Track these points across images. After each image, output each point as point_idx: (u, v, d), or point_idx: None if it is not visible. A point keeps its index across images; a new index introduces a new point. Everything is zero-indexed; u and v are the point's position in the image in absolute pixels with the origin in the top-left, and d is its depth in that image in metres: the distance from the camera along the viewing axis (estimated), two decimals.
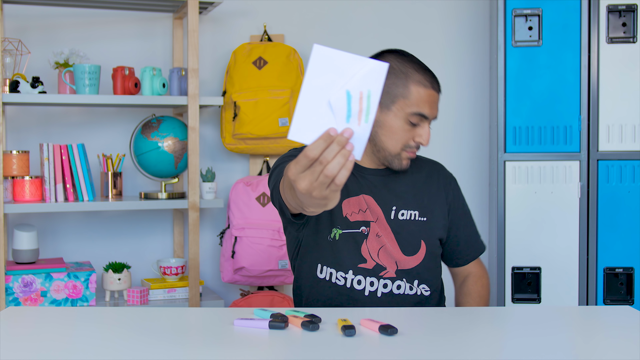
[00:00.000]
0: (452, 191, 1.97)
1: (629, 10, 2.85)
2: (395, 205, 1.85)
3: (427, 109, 1.78)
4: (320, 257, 1.85)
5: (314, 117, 1.18)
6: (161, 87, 2.80)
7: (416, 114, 1.78)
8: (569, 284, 2.90)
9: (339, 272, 1.83)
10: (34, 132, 2.96)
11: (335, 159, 1.17)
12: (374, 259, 1.82)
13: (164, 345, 1.39)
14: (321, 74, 1.17)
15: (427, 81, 1.79)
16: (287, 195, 1.52)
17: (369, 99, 1.19)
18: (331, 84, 1.17)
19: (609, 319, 1.65)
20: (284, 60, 3.01)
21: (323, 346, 1.38)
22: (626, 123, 2.87)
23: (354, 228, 1.82)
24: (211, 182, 2.89)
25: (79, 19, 3.02)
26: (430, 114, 1.80)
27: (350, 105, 1.18)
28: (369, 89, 1.18)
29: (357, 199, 1.84)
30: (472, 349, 1.40)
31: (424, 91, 1.78)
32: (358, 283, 1.82)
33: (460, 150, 3.33)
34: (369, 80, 1.18)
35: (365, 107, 1.19)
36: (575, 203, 2.89)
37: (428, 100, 1.79)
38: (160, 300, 2.83)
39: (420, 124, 1.80)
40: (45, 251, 2.95)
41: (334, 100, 1.17)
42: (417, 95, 1.78)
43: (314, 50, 1.17)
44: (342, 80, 1.18)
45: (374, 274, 1.83)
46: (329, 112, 1.17)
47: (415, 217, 1.87)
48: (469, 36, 3.35)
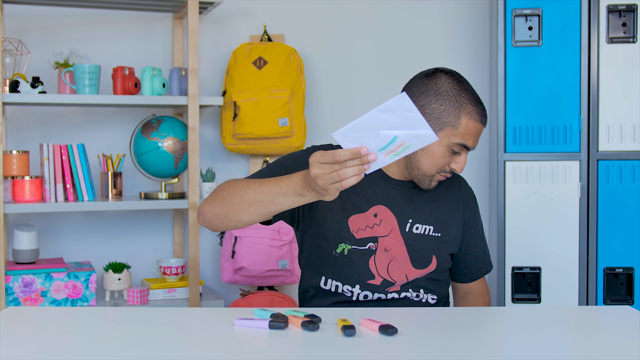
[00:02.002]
0: (470, 208, 1.95)
1: (629, 10, 2.85)
2: (411, 218, 1.84)
3: (471, 141, 1.77)
4: (324, 271, 1.84)
5: (360, 133, 1.42)
6: (161, 87, 2.80)
7: (460, 145, 1.77)
8: (569, 284, 2.90)
9: (345, 285, 1.82)
10: (34, 132, 2.96)
11: (352, 168, 1.42)
12: (381, 275, 1.82)
13: (164, 345, 1.39)
14: (390, 112, 1.40)
15: (478, 115, 1.77)
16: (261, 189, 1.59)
17: (404, 149, 1.45)
18: (390, 123, 1.42)
19: (609, 319, 1.65)
20: (284, 60, 3.01)
21: (323, 346, 1.38)
22: (626, 123, 2.87)
23: (361, 245, 1.81)
24: (211, 182, 2.89)
25: (79, 19, 3.02)
26: (473, 145, 1.79)
27: (389, 144, 1.44)
28: (410, 144, 1.44)
29: (365, 215, 1.82)
30: (472, 349, 1.40)
31: (473, 125, 1.76)
32: (365, 297, 1.83)
33: None
34: (416, 139, 1.44)
35: (397, 152, 1.46)
36: (575, 203, 2.89)
37: (474, 133, 1.77)
38: (160, 300, 2.83)
39: (461, 152, 1.79)
40: (45, 251, 2.95)
41: (383, 134, 1.43)
42: (465, 128, 1.76)
43: (400, 96, 1.38)
44: (399, 126, 1.42)
45: (382, 289, 1.82)
46: (373, 138, 1.43)
47: (430, 232, 1.86)
48: (469, 36, 3.35)
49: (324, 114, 3.26)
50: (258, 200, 1.58)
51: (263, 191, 1.57)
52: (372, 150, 1.44)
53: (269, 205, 1.57)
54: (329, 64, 3.26)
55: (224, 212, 1.64)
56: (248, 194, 1.60)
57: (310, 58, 3.23)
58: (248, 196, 1.60)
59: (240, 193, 1.61)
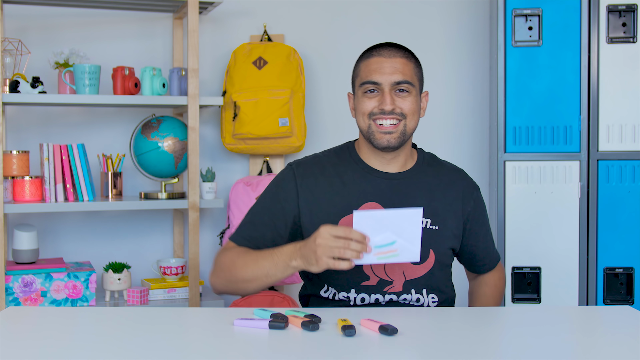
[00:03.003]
0: (472, 201, 1.90)
1: (629, 10, 2.85)
2: None
3: (374, 75, 1.77)
4: (324, 278, 1.82)
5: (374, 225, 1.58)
6: (161, 87, 2.80)
7: (365, 83, 1.78)
8: (569, 284, 2.90)
9: (341, 292, 1.80)
10: (34, 132, 2.96)
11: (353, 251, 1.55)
12: (377, 275, 1.78)
13: (164, 345, 1.39)
14: (403, 219, 1.60)
15: (371, 53, 1.80)
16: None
17: (391, 257, 1.60)
18: (397, 228, 1.60)
19: (609, 319, 1.65)
20: (284, 60, 3.01)
21: (323, 346, 1.38)
22: (626, 123, 2.87)
23: None
24: (211, 182, 2.89)
25: (79, 19, 3.02)
26: (380, 79, 1.77)
27: (386, 246, 1.60)
28: (398, 254, 1.60)
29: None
30: (472, 349, 1.40)
31: (368, 62, 1.79)
32: (362, 300, 1.79)
33: (460, 150, 3.33)
34: (404, 252, 1.60)
35: (387, 256, 1.60)
36: (575, 203, 2.89)
37: (375, 68, 1.78)
38: (160, 300, 2.83)
39: (379, 91, 1.78)
40: (45, 251, 2.95)
41: (386, 235, 1.59)
42: (364, 68, 1.80)
43: (417, 211, 1.60)
44: (401, 234, 1.60)
45: (378, 290, 1.78)
46: (378, 234, 1.58)
47: (427, 225, 1.81)
48: (469, 36, 3.35)
49: (324, 114, 3.26)
50: (256, 277, 1.71)
51: (259, 267, 1.71)
52: (371, 245, 1.58)
53: (265, 278, 1.70)
54: (329, 64, 3.26)
55: (232, 289, 1.79)
56: (247, 272, 1.73)
57: (310, 58, 3.23)
58: (247, 274, 1.73)
59: (240, 272, 1.74)
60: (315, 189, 1.81)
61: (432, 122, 3.35)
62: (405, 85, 1.78)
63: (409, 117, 1.79)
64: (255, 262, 1.71)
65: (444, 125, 3.35)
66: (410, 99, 1.79)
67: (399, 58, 1.79)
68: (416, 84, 1.81)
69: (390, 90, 1.77)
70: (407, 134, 1.80)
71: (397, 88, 1.77)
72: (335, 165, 1.85)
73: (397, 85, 1.77)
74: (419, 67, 1.85)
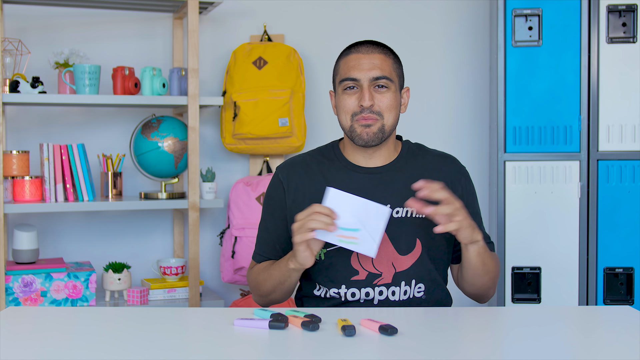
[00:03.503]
0: (460, 187, 1.88)
1: (629, 10, 2.85)
2: (389, 203, 1.80)
3: (352, 71, 1.79)
4: (315, 277, 1.85)
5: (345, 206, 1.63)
6: (161, 87, 2.80)
7: (344, 80, 1.80)
8: (569, 284, 2.90)
9: (332, 289, 1.81)
10: (34, 132, 2.96)
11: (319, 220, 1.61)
12: (365, 269, 1.78)
13: (164, 345, 1.40)
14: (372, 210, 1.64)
15: (350, 50, 1.82)
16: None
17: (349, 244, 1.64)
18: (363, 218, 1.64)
19: (609, 319, 1.65)
20: (284, 60, 3.01)
21: (323, 346, 1.38)
22: (626, 123, 2.87)
23: None
24: (211, 182, 2.89)
25: (79, 19, 3.02)
26: (358, 75, 1.78)
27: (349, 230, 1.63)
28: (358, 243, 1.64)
29: None
30: (472, 349, 1.40)
31: (346, 59, 1.81)
32: (352, 295, 1.79)
33: (460, 150, 3.33)
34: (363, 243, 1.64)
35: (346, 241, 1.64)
36: (575, 203, 2.89)
37: (354, 64, 1.79)
38: (160, 300, 2.83)
39: (358, 87, 1.79)
40: (45, 251, 2.95)
41: (353, 221, 1.63)
42: (343, 66, 1.82)
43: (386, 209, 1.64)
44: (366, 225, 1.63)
45: (368, 283, 1.79)
46: (346, 217, 1.62)
47: (412, 214, 1.81)
48: (469, 36, 3.35)
49: (324, 114, 3.26)
50: (274, 288, 1.82)
51: (273, 279, 1.81)
52: (337, 224, 1.62)
53: (281, 286, 1.80)
54: (329, 64, 3.25)
55: (269, 301, 1.88)
56: (267, 286, 1.83)
57: (310, 58, 3.23)
58: (268, 288, 1.83)
59: (264, 288, 1.85)
60: (300, 188, 1.86)
61: (432, 122, 3.35)
62: (384, 81, 1.79)
63: (387, 114, 1.80)
64: (270, 275, 1.82)
65: (444, 125, 3.35)
66: (389, 95, 1.80)
67: (377, 54, 1.80)
68: (395, 79, 1.82)
69: (369, 86, 1.79)
70: (386, 131, 1.82)
71: (375, 84, 1.79)
72: (319, 163, 1.89)
73: (375, 81, 1.79)
74: (398, 63, 1.86)
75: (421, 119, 3.31)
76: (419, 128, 3.31)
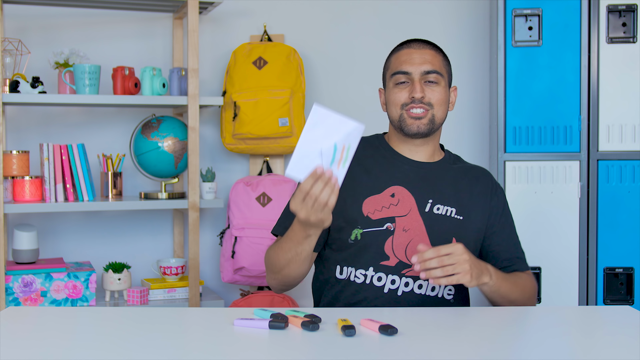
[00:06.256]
0: (497, 198, 1.91)
1: (629, 10, 2.85)
2: (432, 198, 1.82)
3: (405, 65, 1.83)
4: (341, 259, 1.83)
5: (307, 160, 1.54)
6: (161, 87, 2.80)
7: (396, 74, 1.83)
8: (569, 284, 2.90)
9: (358, 270, 1.81)
10: (34, 132, 2.96)
11: (324, 190, 1.52)
12: (397, 256, 1.79)
13: (164, 345, 1.40)
14: (316, 127, 1.53)
15: (401, 45, 1.87)
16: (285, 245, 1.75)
17: (348, 151, 1.56)
18: (323, 137, 1.54)
19: (609, 319, 1.65)
20: (284, 60, 3.01)
21: (323, 346, 1.38)
22: (626, 123, 2.87)
23: (376, 226, 1.80)
24: (211, 182, 2.89)
25: (79, 19, 3.02)
26: (410, 69, 1.83)
27: (335, 155, 1.56)
28: (349, 143, 1.56)
29: (381, 196, 1.81)
30: (472, 349, 1.40)
31: (398, 54, 1.86)
32: (378, 280, 1.80)
33: (461, 150, 3.31)
34: (351, 137, 1.56)
35: (345, 157, 1.57)
36: (575, 203, 2.89)
37: (405, 59, 1.84)
38: (160, 300, 2.83)
39: (409, 82, 1.83)
40: (45, 251, 2.95)
41: (324, 149, 1.55)
42: (394, 61, 1.86)
43: (313, 109, 1.51)
44: (332, 135, 1.54)
45: (396, 271, 1.79)
46: (318, 158, 1.55)
47: (452, 213, 1.83)
48: (469, 36, 3.35)
49: None
50: (290, 260, 1.75)
51: (286, 251, 1.75)
52: (325, 169, 1.56)
53: (298, 257, 1.73)
54: (329, 64, 3.26)
55: (282, 281, 1.83)
56: (281, 260, 1.77)
57: (310, 58, 3.23)
58: (282, 261, 1.77)
59: (277, 263, 1.79)
60: None
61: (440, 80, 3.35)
62: (434, 76, 1.84)
63: (437, 107, 1.85)
64: (281, 248, 1.77)
65: (444, 125, 3.35)
66: (439, 90, 1.85)
67: (427, 50, 1.87)
68: (445, 75, 1.88)
69: (420, 79, 1.83)
70: (435, 123, 1.86)
71: (426, 79, 1.83)
72: (364, 149, 1.87)
73: (426, 75, 1.83)
74: (447, 61, 1.92)
75: None
76: None
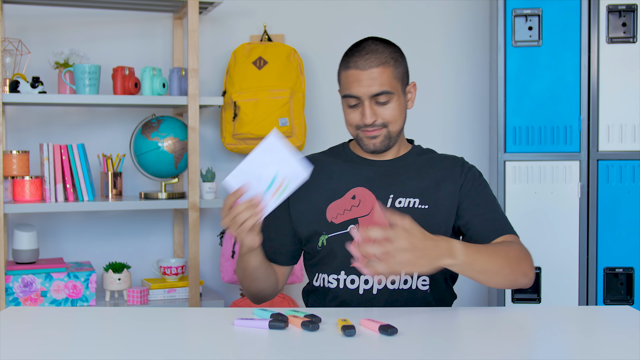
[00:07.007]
0: (466, 177, 1.84)
1: (629, 10, 2.85)
2: (392, 193, 1.81)
3: (353, 88, 1.78)
4: (314, 267, 1.87)
5: (245, 176, 1.59)
6: (161, 87, 2.80)
7: (346, 97, 1.80)
8: (569, 284, 2.90)
9: (330, 275, 1.82)
10: (34, 132, 2.96)
11: (245, 211, 1.59)
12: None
13: (164, 345, 1.40)
14: (267, 152, 1.58)
15: (349, 62, 1.80)
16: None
17: (285, 189, 1.60)
18: (269, 164, 1.59)
19: (609, 319, 1.65)
20: (284, 60, 3.01)
21: (323, 346, 1.38)
22: (626, 123, 2.87)
23: (340, 230, 1.81)
24: (211, 182, 2.89)
25: (79, 19, 3.02)
26: (358, 92, 1.77)
27: (272, 184, 1.60)
28: (289, 182, 1.60)
29: (343, 200, 1.82)
30: (472, 349, 1.40)
31: (346, 73, 1.80)
32: (351, 282, 1.80)
33: (461, 150, 3.33)
34: (292, 177, 1.60)
35: (280, 191, 1.60)
36: (575, 203, 2.89)
37: (353, 80, 1.78)
38: (160, 300, 2.83)
39: (360, 104, 1.79)
40: (45, 251, 2.95)
41: (264, 175, 1.59)
42: (344, 79, 1.81)
43: (271, 136, 1.58)
44: (277, 166, 1.59)
45: None
46: (256, 180, 1.59)
47: (415, 204, 1.81)
48: (469, 36, 3.35)
49: (324, 114, 3.26)
50: (242, 275, 1.83)
51: (237, 264, 1.84)
52: (260, 193, 1.60)
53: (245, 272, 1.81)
54: (329, 64, 3.26)
55: (253, 295, 1.90)
56: (238, 273, 1.86)
57: (310, 58, 3.23)
58: (239, 274, 1.86)
59: (240, 278, 1.87)
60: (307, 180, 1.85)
61: (432, 122, 3.35)
62: (384, 97, 1.78)
63: (391, 123, 1.81)
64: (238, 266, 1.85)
65: (444, 126, 3.35)
66: (392, 106, 1.79)
67: (374, 67, 1.78)
68: (397, 85, 1.80)
69: (370, 102, 1.78)
70: (392, 137, 1.83)
71: (376, 100, 1.78)
72: (327, 157, 1.93)
73: (376, 97, 1.78)
74: (399, 64, 1.82)
75: (421, 119, 3.31)
76: (419, 128, 3.31)
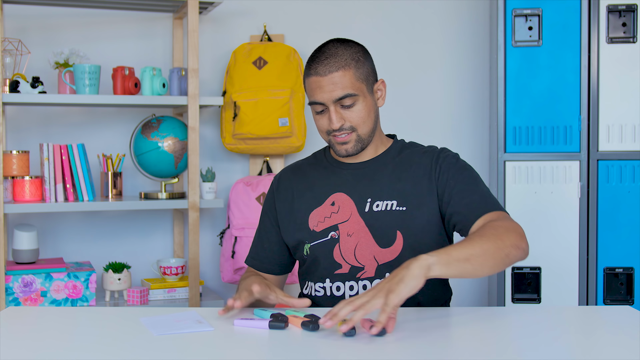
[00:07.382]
0: (443, 173, 1.80)
1: (629, 10, 2.85)
2: (370, 197, 1.80)
3: (316, 95, 1.77)
4: (303, 276, 1.90)
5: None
6: (161, 87, 2.80)
7: (311, 104, 1.80)
8: (569, 284, 2.90)
9: (317, 283, 1.83)
10: (34, 132, 2.96)
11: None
12: (348, 262, 1.79)
13: (164, 345, 1.40)
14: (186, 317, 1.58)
15: (310, 69, 1.79)
16: None
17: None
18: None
19: (609, 319, 1.65)
20: (284, 60, 3.01)
21: (323, 346, 1.38)
22: (626, 123, 2.87)
23: (321, 237, 1.81)
24: (211, 182, 2.89)
25: (79, 19, 3.02)
26: (321, 98, 1.76)
27: None
28: None
29: (323, 207, 1.83)
30: (471, 349, 1.40)
31: (308, 80, 1.79)
32: (337, 289, 1.81)
33: (460, 150, 3.32)
34: None
35: None
36: (575, 203, 2.89)
37: (316, 87, 1.77)
38: (160, 300, 2.83)
39: (325, 109, 1.78)
40: (45, 251, 2.95)
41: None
42: (307, 87, 1.81)
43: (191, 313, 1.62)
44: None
45: (351, 277, 1.79)
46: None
47: (392, 207, 1.79)
48: (469, 36, 3.35)
49: None
50: None
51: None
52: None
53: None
54: None
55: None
56: None
57: None
58: None
59: None
60: (290, 191, 1.91)
61: (432, 122, 3.35)
62: (348, 99, 1.76)
63: (360, 126, 1.78)
64: None
65: (444, 125, 3.35)
66: (358, 108, 1.77)
67: (334, 72, 1.75)
68: (361, 86, 1.77)
69: (335, 106, 1.76)
70: (364, 140, 1.81)
71: (341, 103, 1.77)
72: (310, 165, 1.95)
73: (340, 101, 1.76)
74: (360, 64, 1.79)
75: (421, 119, 3.31)
76: (419, 128, 3.32)
